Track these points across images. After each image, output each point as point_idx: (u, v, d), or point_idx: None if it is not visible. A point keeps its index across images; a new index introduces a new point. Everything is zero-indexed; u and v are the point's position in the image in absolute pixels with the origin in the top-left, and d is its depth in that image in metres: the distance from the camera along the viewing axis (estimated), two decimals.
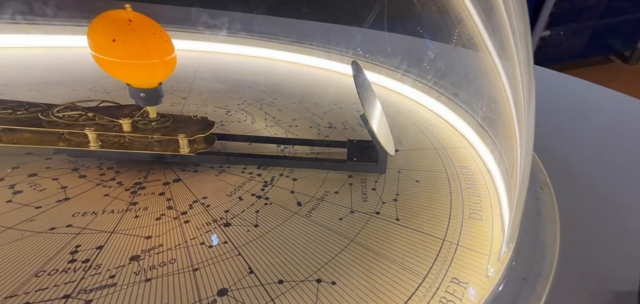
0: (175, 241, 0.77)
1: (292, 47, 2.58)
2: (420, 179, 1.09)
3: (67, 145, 0.98)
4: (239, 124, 1.45)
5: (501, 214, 0.90)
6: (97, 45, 0.83)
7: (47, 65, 1.85)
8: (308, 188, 1.01)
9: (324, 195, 0.98)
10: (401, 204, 0.95)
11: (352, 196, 0.97)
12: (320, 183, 1.04)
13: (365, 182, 1.05)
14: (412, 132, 1.46)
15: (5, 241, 0.67)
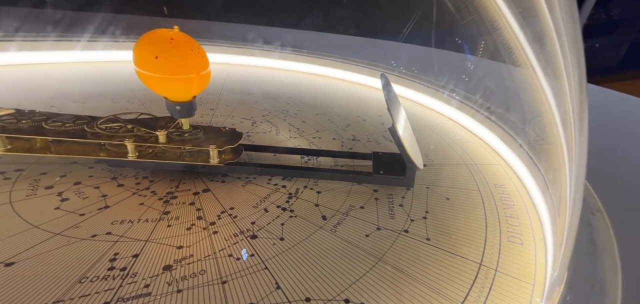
0: (205, 251, 0.78)
1: (315, 59, 2.61)
2: (451, 196, 1.04)
3: (108, 155, 1.04)
4: (264, 135, 1.48)
5: (544, 239, 0.83)
6: (140, 61, 0.88)
7: (90, 79, 2.00)
8: (332, 202, 1.00)
9: (349, 209, 0.96)
10: (431, 222, 0.91)
11: (378, 212, 0.95)
12: (345, 197, 1.02)
13: (391, 197, 1.02)
14: (440, 146, 1.41)
15: (54, 246, 0.72)
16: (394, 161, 1.14)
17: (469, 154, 1.36)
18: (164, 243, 0.80)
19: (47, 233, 0.76)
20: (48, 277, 0.64)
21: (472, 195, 1.05)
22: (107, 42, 2.45)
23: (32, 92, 1.61)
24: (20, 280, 0.62)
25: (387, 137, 1.49)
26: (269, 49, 2.73)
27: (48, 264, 0.67)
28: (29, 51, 2.11)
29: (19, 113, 1.06)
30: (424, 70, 2.13)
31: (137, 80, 0.94)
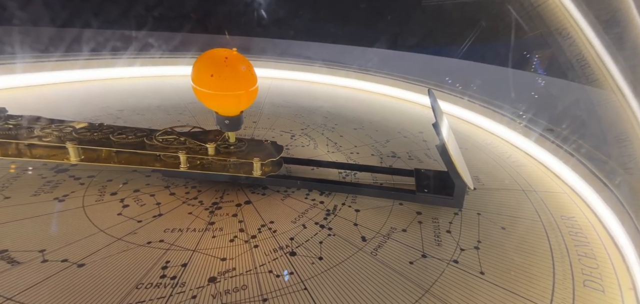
0: (247, 266, 0.79)
1: (353, 73, 2.60)
2: (508, 225, 0.93)
3: (162, 165, 1.12)
4: (302, 148, 1.49)
5: (635, 289, 0.69)
6: (197, 78, 0.94)
7: (148, 92, 2.20)
8: (372, 222, 0.95)
9: (390, 232, 0.90)
10: (485, 254, 0.82)
11: (423, 237, 0.88)
12: (385, 217, 0.97)
13: (437, 222, 0.95)
14: (492, 169, 1.28)
15: (115, 251, 0.78)
16: (440, 179, 1.06)
17: (526, 179, 1.22)
18: (209, 254, 0.82)
19: (110, 237, 0.82)
20: (110, 281, 0.69)
21: (533, 226, 0.93)
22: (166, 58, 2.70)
23: (102, 105, 1.81)
24: (88, 281, 0.68)
25: (430, 156, 1.41)
26: (308, 63, 2.78)
27: (111, 268, 0.73)
28: (100, 68, 2.40)
29: (91, 126, 1.18)
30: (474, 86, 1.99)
31: (188, 93, 1.00)
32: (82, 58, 2.36)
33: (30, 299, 0.62)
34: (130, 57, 2.57)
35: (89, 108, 1.73)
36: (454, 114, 1.92)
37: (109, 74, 2.41)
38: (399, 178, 1.17)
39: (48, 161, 0.98)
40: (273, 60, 2.85)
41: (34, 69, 2.05)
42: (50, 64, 2.14)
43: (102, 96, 1.99)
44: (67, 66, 2.22)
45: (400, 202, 1.04)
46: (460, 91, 1.94)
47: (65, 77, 2.19)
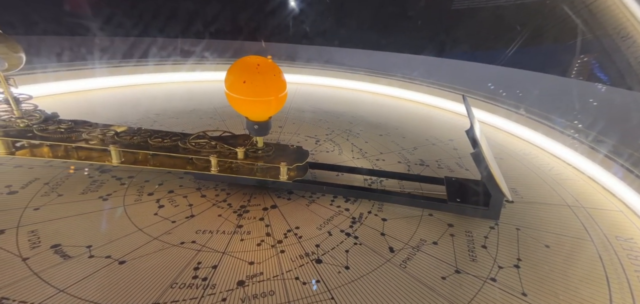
0: (273, 271, 0.79)
1: (379, 78, 2.56)
2: (552, 243, 0.85)
3: (193, 168, 1.16)
4: (326, 154, 1.48)
5: None
6: (230, 85, 0.97)
7: (182, 97, 2.31)
8: (400, 232, 0.92)
9: (420, 244, 0.86)
10: (527, 273, 0.75)
11: (455, 251, 0.83)
12: (414, 228, 0.93)
13: (471, 235, 0.89)
14: (531, 181, 1.19)
15: (152, 250, 0.82)
16: (473, 188, 1.00)
17: (572, 193, 1.11)
18: (238, 257, 0.83)
19: (147, 236, 0.87)
20: (148, 279, 0.73)
21: (582, 246, 0.85)
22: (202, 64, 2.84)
23: (144, 109, 1.93)
24: (128, 278, 0.72)
25: (461, 165, 1.34)
26: (333, 68, 2.78)
27: (148, 266, 0.76)
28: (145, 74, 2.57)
29: (130, 130, 1.26)
30: (509, 92, 1.88)
31: (219, 98, 1.03)
32: (128, 65, 2.54)
33: (79, 292, 0.66)
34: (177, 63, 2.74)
35: (132, 112, 1.85)
36: (487, 122, 1.81)
37: (152, 80, 2.58)
38: (428, 186, 1.12)
39: (92, 162, 1.05)
40: (299, 66, 2.89)
41: (84, 75, 2.24)
42: (100, 71, 2.33)
43: (143, 100, 2.12)
44: (115, 72, 2.41)
45: (430, 213, 0.99)
46: (494, 98, 1.83)
47: (111, 83, 2.37)
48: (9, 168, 1.10)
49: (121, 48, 2.86)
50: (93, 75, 2.28)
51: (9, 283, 0.66)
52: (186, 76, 2.75)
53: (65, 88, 2.11)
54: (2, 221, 0.83)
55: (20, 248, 0.75)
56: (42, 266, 0.71)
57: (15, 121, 1.06)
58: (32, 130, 1.03)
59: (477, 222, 0.95)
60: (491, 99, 1.86)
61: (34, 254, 0.74)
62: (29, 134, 1.01)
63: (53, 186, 1.03)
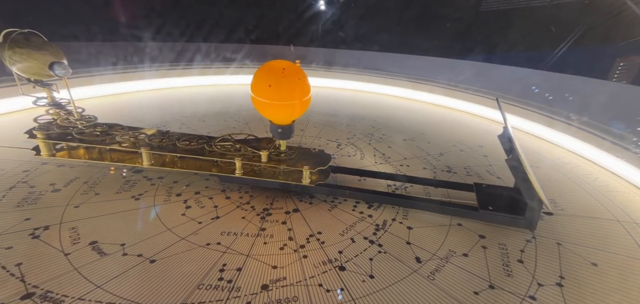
0: (297, 276, 0.79)
1: (401, 81, 2.50)
2: (600, 262, 0.78)
3: (218, 170, 1.19)
4: (348, 158, 1.46)
5: None
6: (256, 89, 0.98)
7: (208, 100, 2.39)
8: (427, 242, 0.88)
9: (449, 255, 0.82)
10: (572, 293, 0.69)
11: (488, 264, 0.78)
12: (442, 238, 0.89)
13: (505, 248, 0.83)
14: (572, 192, 1.10)
15: (180, 249, 0.84)
16: (506, 196, 0.94)
17: (621, 207, 1.01)
18: (261, 260, 0.84)
19: (176, 236, 0.89)
20: (176, 278, 0.74)
21: (637, 267, 0.76)
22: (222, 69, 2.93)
23: (172, 111, 2.01)
24: (158, 277, 0.74)
25: (493, 172, 1.27)
26: (355, 72, 2.76)
27: (176, 266, 0.78)
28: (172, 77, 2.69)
29: (159, 133, 1.30)
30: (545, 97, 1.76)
31: (243, 101, 1.04)
32: (161, 69, 2.67)
33: (115, 289, 0.69)
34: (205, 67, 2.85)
35: (162, 114, 1.93)
36: (519, 128, 1.71)
37: (180, 83, 2.69)
38: (456, 194, 1.07)
39: (123, 164, 1.10)
40: (320, 68, 2.89)
41: (120, 79, 2.37)
42: (133, 75, 2.46)
43: (172, 103, 2.21)
44: (146, 76, 2.54)
45: (458, 222, 0.94)
46: (527, 102, 1.72)
47: (144, 86, 2.50)
48: (53, 167, 1.18)
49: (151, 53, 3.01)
50: (126, 79, 2.41)
51: (53, 276, 0.71)
52: (212, 80, 2.85)
53: (100, 92, 2.25)
54: (47, 218, 0.90)
55: (62, 244, 0.80)
56: (82, 262, 0.75)
57: (75, 123, 1.13)
58: (72, 133, 1.10)
59: (511, 234, 0.89)
60: (523, 103, 1.75)
61: (75, 250, 0.79)
62: (69, 136, 1.08)
63: (91, 184, 1.10)
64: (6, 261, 0.73)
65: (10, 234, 0.82)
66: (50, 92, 1.11)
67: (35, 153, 1.05)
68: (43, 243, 0.80)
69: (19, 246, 0.78)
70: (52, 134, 1.07)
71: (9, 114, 1.71)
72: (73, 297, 0.66)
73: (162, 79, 2.61)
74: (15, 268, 0.72)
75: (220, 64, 3.01)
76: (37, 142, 1.05)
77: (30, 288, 0.67)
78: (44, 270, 0.72)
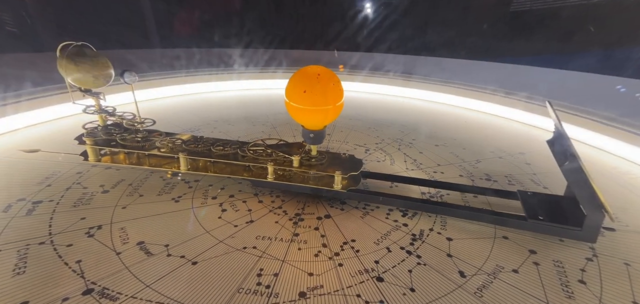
0: (333, 285, 0.77)
1: (432, 85, 2.42)
2: None
3: (251, 175, 1.20)
4: (377, 163, 1.43)
5: None
6: (291, 94, 0.99)
7: (237, 105, 2.45)
8: (470, 255, 0.83)
9: (496, 270, 0.77)
10: None
11: (543, 283, 0.72)
12: (487, 251, 0.84)
13: (561, 266, 0.77)
14: (636, 206, 1.00)
15: (220, 252, 0.86)
16: (556, 205, 0.87)
17: None
18: (297, 266, 0.83)
19: (214, 239, 0.92)
20: (217, 281, 0.76)
21: None
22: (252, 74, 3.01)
23: (202, 115, 2.09)
24: (201, 278, 0.76)
25: (538, 181, 1.18)
26: (381, 75, 2.72)
27: (217, 268, 0.80)
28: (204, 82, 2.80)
29: (193, 138, 1.34)
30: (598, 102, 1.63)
31: (271, 105, 1.05)
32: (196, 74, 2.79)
33: (162, 288, 0.72)
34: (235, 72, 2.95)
35: (194, 119, 2.01)
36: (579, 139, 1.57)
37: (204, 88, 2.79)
38: (498, 202, 1.00)
39: (160, 169, 1.14)
40: (344, 74, 2.88)
41: (156, 84, 2.50)
42: (168, 81, 2.59)
43: (203, 108, 2.30)
44: (180, 82, 2.66)
45: (504, 235, 0.88)
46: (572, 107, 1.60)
47: (177, 91, 2.62)
48: (101, 169, 1.26)
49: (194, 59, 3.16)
50: (161, 84, 2.54)
51: (108, 274, 0.75)
52: (238, 85, 2.92)
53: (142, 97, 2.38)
54: (100, 217, 0.96)
55: (113, 243, 0.85)
56: (132, 261, 0.79)
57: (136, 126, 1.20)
58: (116, 139, 1.16)
59: (566, 250, 0.81)
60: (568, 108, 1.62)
61: (125, 250, 0.83)
62: (113, 142, 1.14)
63: (135, 186, 1.16)
64: (68, 258, 0.78)
65: (69, 232, 0.88)
66: (98, 100, 1.19)
67: (83, 158, 1.11)
68: (97, 241, 0.85)
69: (77, 243, 0.84)
70: (98, 140, 1.14)
71: (59, 120, 1.86)
72: (126, 295, 0.69)
73: (195, 84, 2.72)
74: (75, 264, 0.77)
75: (247, 69, 3.08)
76: (86, 148, 1.11)
77: (89, 284, 0.71)
78: (100, 267, 0.76)
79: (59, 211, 0.96)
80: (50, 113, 1.84)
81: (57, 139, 1.58)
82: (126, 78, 1.09)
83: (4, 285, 0.70)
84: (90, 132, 1.15)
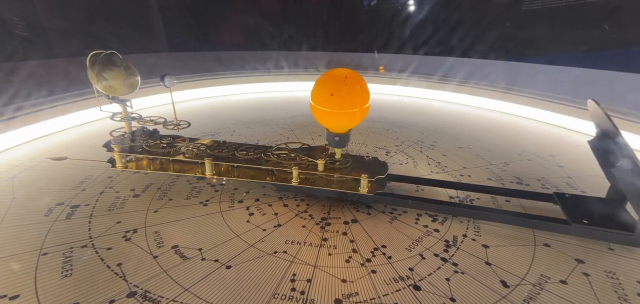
0: (369, 292, 0.75)
1: (450, 86, 2.37)
2: None
3: (274, 179, 1.19)
4: (400, 166, 1.40)
5: None
6: (317, 97, 0.98)
7: (255, 107, 2.45)
8: (511, 264, 0.80)
9: (541, 281, 0.73)
10: None
11: (598, 297, 0.68)
12: (529, 260, 0.80)
13: (615, 278, 0.72)
14: None
15: (252, 256, 0.86)
16: (600, 208, 0.82)
17: None
18: (329, 272, 0.82)
19: (245, 243, 0.91)
20: (252, 286, 0.75)
21: None
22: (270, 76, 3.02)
23: (220, 118, 2.10)
24: (236, 283, 0.76)
25: (574, 185, 1.13)
26: (399, 76, 2.68)
27: (250, 273, 0.80)
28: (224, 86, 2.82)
29: (214, 143, 1.30)
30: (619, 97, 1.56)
31: (288, 108, 1.04)
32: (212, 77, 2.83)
33: (200, 292, 0.72)
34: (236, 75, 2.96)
35: (213, 122, 2.03)
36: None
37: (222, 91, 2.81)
38: (533, 205, 0.96)
39: (184, 174, 1.14)
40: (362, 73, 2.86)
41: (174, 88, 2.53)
42: (186, 84, 2.63)
43: (220, 111, 2.31)
44: (197, 85, 2.70)
45: (545, 242, 0.84)
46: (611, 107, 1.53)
47: (194, 95, 2.66)
48: (130, 173, 1.28)
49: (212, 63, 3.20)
50: (179, 88, 2.57)
51: (149, 277, 0.76)
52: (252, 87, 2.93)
53: (159, 101, 2.40)
54: (134, 221, 0.97)
55: (149, 246, 0.86)
56: (169, 265, 0.80)
57: (174, 127, 1.21)
58: (142, 145, 1.17)
59: (619, 260, 0.76)
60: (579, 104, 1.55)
61: (161, 253, 0.84)
62: (139, 149, 1.15)
63: (164, 190, 1.17)
64: (110, 261, 0.80)
65: (108, 235, 0.89)
66: (125, 107, 1.20)
67: (111, 166, 1.12)
68: (134, 245, 0.86)
69: (116, 247, 0.85)
70: (125, 146, 1.15)
71: (85, 125, 1.91)
72: (168, 298, 0.69)
73: (210, 88, 2.75)
74: (117, 267, 0.78)
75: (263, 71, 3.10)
76: (112, 155, 1.12)
77: (132, 287, 0.72)
78: (139, 271, 0.77)
79: (96, 215, 0.98)
80: (73, 119, 1.89)
81: (85, 143, 1.62)
82: (166, 82, 1.11)
83: (55, 287, 0.72)
84: (116, 140, 1.17)
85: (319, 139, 1.75)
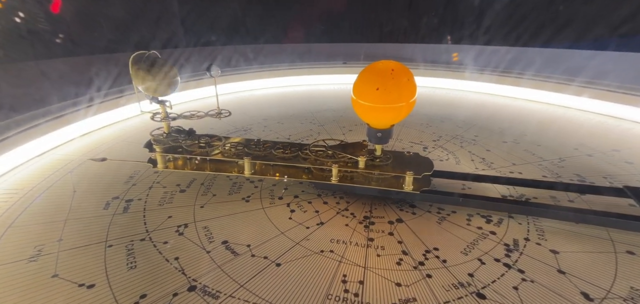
0: (427, 299, 0.69)
1: (484, 76, 2.22)
2: None
3: (312, 177, 1.14)
4: (440, 163, 1.31)
5: None
6: (360, 92, 0.92)
7: (280, 102, 2.39)
8: (589, 272, 0.70)
9: (634, 294, 0.64)
10: None
11: None
12: (611, 269, 0.70)
13: None
14: None
15: (299, 254, 0.82)
16: None
17: None
18: (381, 275, 0.77)
19: (290, 241, 0.88)
20: (304, 285, 0.72)
21: None
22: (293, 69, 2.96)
23: (250, 113, 2.08)
24: (287, 281, 0.73)
25: None
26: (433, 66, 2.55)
27: (300, 271, 0.76)
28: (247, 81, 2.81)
29: (247, 142, 1.23)
30: None
31: (313, 102, 0.98)
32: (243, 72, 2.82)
33: (255, 289, 0.70)
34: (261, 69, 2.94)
35: (244, 117, 2.01)
36: None
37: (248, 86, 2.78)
38: (596, 200, 0.85)
39: (220, 173, 1.12)
40: None
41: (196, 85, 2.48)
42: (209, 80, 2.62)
43: (250, 106, 2.30)
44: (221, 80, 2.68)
45: (628, 250, 0.74)
46: None
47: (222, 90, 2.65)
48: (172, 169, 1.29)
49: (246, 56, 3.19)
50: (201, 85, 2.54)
51: (205, 271, 0.75)
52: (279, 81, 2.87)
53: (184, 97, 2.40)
54: (184, 216, 0.97)
55: (201, 241, 0.85)
56: (221, 260, 0.79)
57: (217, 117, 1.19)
58: (182, 145, 1.16)
59: None
60: None
61: (213, 248, 0.83)
62: (179, 149, 1.14)
63: (207, 186, 1.17)
64: (168, 255, 0.80)
65: (163, 230, 0.90)
66: (164, 107, 1.19)
67: (153, 166, 1.11)
68: (187, 239, 0.86)
69: (172, 241, 0.86)
70: (167, 147, 1.14)
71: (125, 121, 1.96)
72: (225, 294, 0.68)
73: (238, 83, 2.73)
74: (175, 261, 0.78)
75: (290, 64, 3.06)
76: (155, 156, 1.11)
77: (191, 281, 0.72)
78: (195, 265, 0.77)
79: (149, 210, 1.00)
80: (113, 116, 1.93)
81: (125, 138, 1.66)
82: (212, 71, 1.10)
83: (123, 278, 0.73)
84: (157, 139, 1.16)
85: (350, 134, 1.69)
